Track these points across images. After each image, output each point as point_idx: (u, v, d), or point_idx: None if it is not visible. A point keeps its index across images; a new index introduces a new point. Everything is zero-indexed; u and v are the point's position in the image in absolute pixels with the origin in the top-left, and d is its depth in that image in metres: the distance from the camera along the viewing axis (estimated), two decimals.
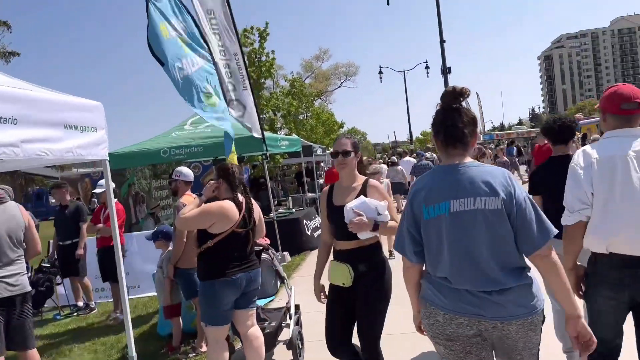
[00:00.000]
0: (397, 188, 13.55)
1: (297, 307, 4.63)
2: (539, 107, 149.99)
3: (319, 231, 9.59)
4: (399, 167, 13.72)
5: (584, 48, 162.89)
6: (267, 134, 8.11)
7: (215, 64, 5.93)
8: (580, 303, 2.13)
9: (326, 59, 49.44)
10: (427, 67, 31.39)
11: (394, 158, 14.84)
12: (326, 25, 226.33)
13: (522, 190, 1.98)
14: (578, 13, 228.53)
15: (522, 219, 1.92)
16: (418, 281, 2.14)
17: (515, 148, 21.40)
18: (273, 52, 11.57)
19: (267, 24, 11.95)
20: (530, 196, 2.01)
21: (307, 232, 9.53)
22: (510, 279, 1.93)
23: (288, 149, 9.60)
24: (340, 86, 49.19)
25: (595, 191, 2.32)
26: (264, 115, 11.55)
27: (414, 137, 43.22)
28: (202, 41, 5.69)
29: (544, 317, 2.00)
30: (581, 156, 2.42)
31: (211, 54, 5.83)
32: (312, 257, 8.77)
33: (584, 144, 16.03)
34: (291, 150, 9.91)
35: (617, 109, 2.42)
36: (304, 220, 9.50)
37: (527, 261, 1.99)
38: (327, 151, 19.58)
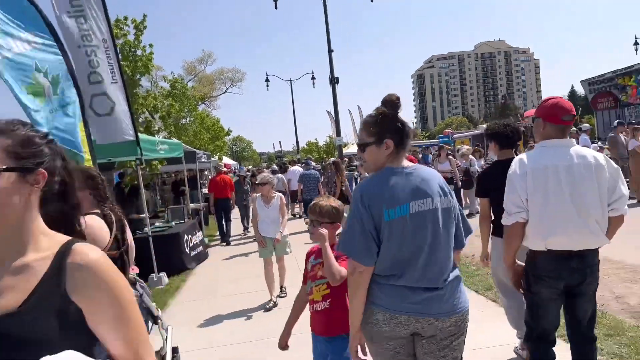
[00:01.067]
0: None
1: (174, 350, 3.71)
2: (412, 122, 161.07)
3: (200, 248, 8.82)
4: (280, 175, 14.02)
5: (452, 69, 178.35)
6: (143, 136, 7.01)
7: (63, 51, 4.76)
8: None
9: (210, 62, 47.59)
10: (313, 78, 31.56)
11: (275, 167, 15.23)
12: (211, 28, 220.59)
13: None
14: (447, 36, 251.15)
15: (456, 218, 2.16)
16: (367, 285, 2.05)
17: (429, 156, 21.94)
18: (151, 45, 10.24)
19: (144, 16, 10.73)
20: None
21: (187, 249, 8.41)
22: (454, 270, 2.12)
23: (168, 154, 8.48)
24: (225, 92, 47.62)
25: (531, 197, 2.59)
26: (140, 116, 10.24)
27: (300, 147, 43.29)
28: (43, 24, 4.50)
29: None
30: (517, 164, 2.65)
31: (58, 40, 4.65)
32: (194, 278, 7.78)
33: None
34: (171, 155, 8.81)
35: (559, 119, 2.63)
36: (185, 236, 8.41)
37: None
38: (213, 158, 18.48)
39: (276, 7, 18.59)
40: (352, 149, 48.07)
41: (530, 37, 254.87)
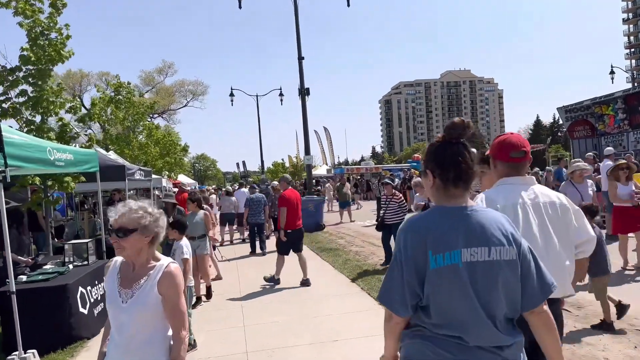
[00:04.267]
0: (228, 218, 13.84)
1: None
2: (380, 147, 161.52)
3: (102, 304, 6.17)
4: (233, 198, 13.76)
5: (419, 96, 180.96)
6: (17, 140, 4.69)
7: None
8: None
9: (171, 74, 44.91)
10: (281, 94, 29.60)
11: (229, 188, 15.54)
12: (172, 38, 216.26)
13: (523, 239, 1.88)
14: (414, 63, 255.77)
15: (526, 271, 1.82)
16: (400, 334, 1.90)
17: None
18: (67, 26, 7.93)
19: None
20: (530, 246, 1.92)
21: (82, 307, 5.76)
22: (515, 333, 1.84)
23: (70, 167, 6.13)
24: (186, 105, 45.06)
25: None
26: (48, 118, 7.84)
27: (265, 167, 40.97)
28: None
29: None
30: (484, 202, 2.41)
31: None
32: (88, 354, 5.21)
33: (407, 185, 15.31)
34: (78, 169, 6.47)
35: (507, 157, 2.53)
36: (80, 288, 5.78)
37: None
38: (158, 176, 16.05)
39: (240, 7, 16.61)
40: (321, 170, 46.65)
41: (494, 68, 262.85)
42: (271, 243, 12.60)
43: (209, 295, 7.44)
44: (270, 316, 6.32)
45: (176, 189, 23.66)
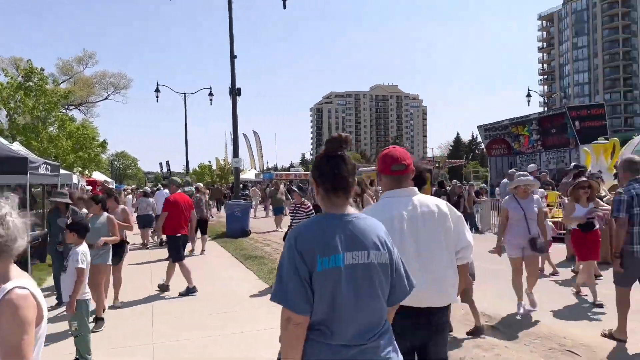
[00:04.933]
0: (145, 220, 13.21)
1: None
2: (310, 154, 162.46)
3: None
4: (151, 200, 13.26)
5: (349, 107, 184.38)
6: None
7: None
8: None
9: (91, 64, 41.91)
10: (211, 94, 28.69)
11: (147, 189, 14.50)
12: (94, 26, 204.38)
13: (394, 245, 2.09)
14: (346, 74, 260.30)
15: (397, 274, 2.04)
16: (303, 338, 1.90)
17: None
18: None
19: None
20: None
21: None
22: (385, 327, 2.01)
23: None
24: (106, 98, 42.42)
25: None
26: None
27: (190, 169, 39.56)
28: None
29: None
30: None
31: None
32: None
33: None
34: None
35: (389, 170, 2.65)
36: None
37: None
38: (68, 172, 14.78)
39: None
40: (249, 174, 45.86)
41: (420, 86, 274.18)
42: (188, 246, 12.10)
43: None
44: (186, 331, 5.75)
45: (90, 187, 22.10)
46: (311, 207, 8.28)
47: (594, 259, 6.59)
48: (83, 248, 4.74)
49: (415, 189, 2.73)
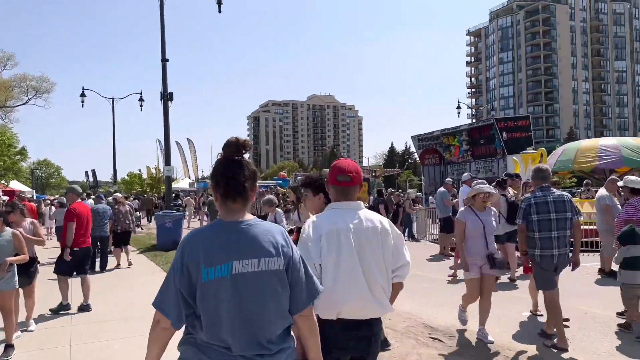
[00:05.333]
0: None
1: None
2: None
3: None
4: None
5: (286, 116, 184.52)
6: None
7: None
8: None
9: (10, 66, 38.95)
10: (141, 99, 27.51)
11: (63, 199, 13.19)
12: (14, 25, 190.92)
13: (296, 249, 2.05)
14: (283, 83, 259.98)
15: (295, 279, 1.97)
16: (166, 344, 1.95)
17: None
18: None
19: None
20: (302, 255, 2.07)
21: None
22: (282, 341, 1.95)
23: None
24: (26, 103, 39.50)
25: (323, 262, 2.51)
26: None
27: (119, 177, 37.63)
28: None
29: None
30: (311, 228, 2.57)
31: None
32: None
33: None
34: None
35: (334, 180, 2.66)
36: None
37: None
38: None
39: None
40: (183, 183, 44.34)
41: (356, 96, 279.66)
42: (112, 260, 11.36)
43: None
44: (106, 356, 5.21)
45: (6, 197, 20.36)
46: None
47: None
48: None
49: (361, 202, 2.73)
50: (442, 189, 12.57)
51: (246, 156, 2.05)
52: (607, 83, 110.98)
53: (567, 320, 5.52)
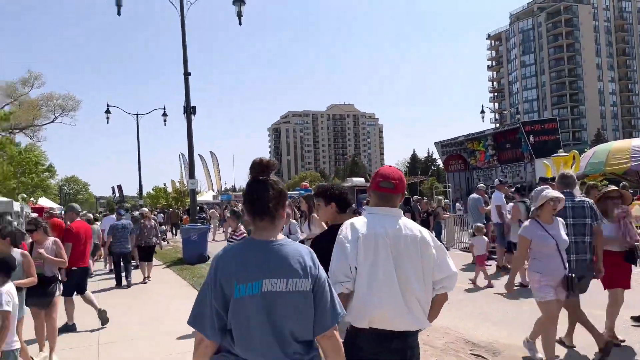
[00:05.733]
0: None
1: None
2: None
3: None
4: (96, 226, 12.43)
5: (306, 126, 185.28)
6: None
7: None
8: None
9: (38, 86, 39.93)
10: (164, 114, 27.84)
11: (90, 215, 13.46)
12: (40, 44, 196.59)
13: (323, 270, 2.08)
14: (303, 94, 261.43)
15: (320, 301, 2.01)
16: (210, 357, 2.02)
17: None
18: None
19: None
20: (328, 276, 2.11)
21: None
22: (308, 353, 2.02)
23: None
24: (53, 121, 40.43)
25: (359, 267, 2.45)
26: None
27: (144, 192, 38.13)
28: None
29: None
30: (349, 229, 2.54)
31: None
32: None
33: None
34: None
35: (377, 185, 2.64)
36: None
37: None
38: (9, 199, 13.68)
39: (119, 13, 15.10)
40: (207, 196, 44.66)
41: (376, 104, 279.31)
42: (138, 274, 11.41)
43: None
44: None
45: (36, 214, 20.73)
46: (245, 234, 7.57)
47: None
48: (8, 288, 4.07)
49: (400, 211, 2.69)
50: (475, 195, 12.05)
51: (273, 175, 2.11)
52: (635, 83, 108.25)
53: (622, 341, 5.18)
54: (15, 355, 4.06)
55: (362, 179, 32.66)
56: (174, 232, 27.66)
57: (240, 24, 14.61)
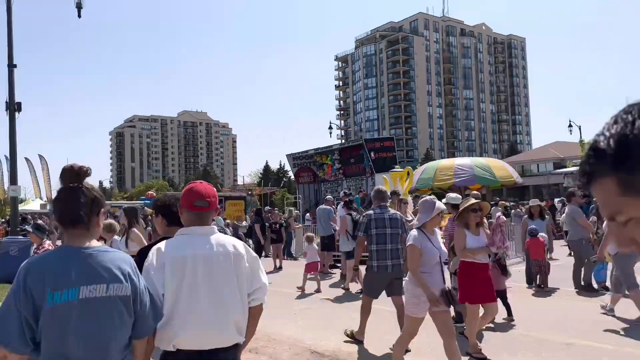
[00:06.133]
0: None
1: None
2: (109, 182, 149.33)
3: None
4: None
5: (154, 132, 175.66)
6: None
7: None
8: None
9: None
10: None
11: None
12: None
13: (143, 279, 2.16)
14: (151, 98, 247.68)
15: (138, 308, 2.07)
16: None
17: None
18: None
19: None
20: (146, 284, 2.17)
21: None
22: (122, 354, 2.05)
23: None
24: None
25: (166, 291, 2.41)
26: None
27: None
28: None
29: None
30: (155, 256, 2.48)
31: None
32: None
33: None
34: None
35: (192, 205, 2.58)
36: None
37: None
38: None
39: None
40: (34, 205, 39.51)
41: (229, 114, 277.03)
42: None
43: None
44: None
45: None
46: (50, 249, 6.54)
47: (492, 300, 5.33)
48: None
49: (215, 227, 2.69)
50: (324, 206, 12.33)
51: (87, 182, 2.10)
52: (457, 109, 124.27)
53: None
54: None
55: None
56: None
57: (79, 16, 13.33)
